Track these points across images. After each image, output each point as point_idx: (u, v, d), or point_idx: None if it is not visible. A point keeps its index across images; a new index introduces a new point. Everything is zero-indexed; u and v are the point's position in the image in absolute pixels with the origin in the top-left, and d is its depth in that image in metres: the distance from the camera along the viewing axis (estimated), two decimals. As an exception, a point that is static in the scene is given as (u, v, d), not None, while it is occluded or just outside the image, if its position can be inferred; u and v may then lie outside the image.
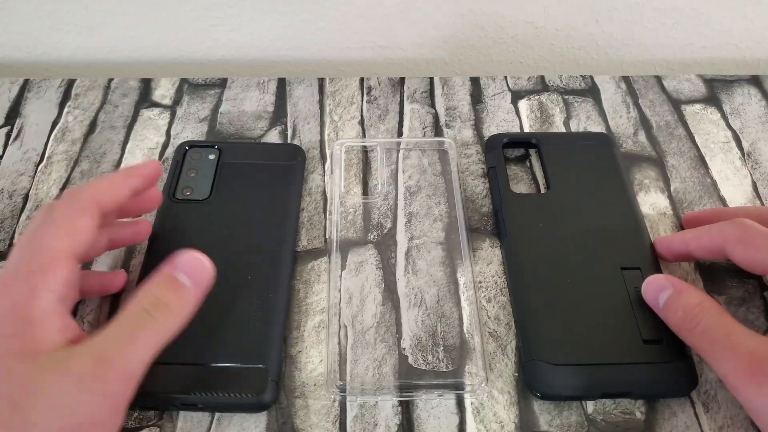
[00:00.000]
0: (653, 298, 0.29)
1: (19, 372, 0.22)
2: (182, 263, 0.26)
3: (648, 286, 0.30)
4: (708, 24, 0.48)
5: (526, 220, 0.34)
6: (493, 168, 0.38)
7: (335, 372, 0.30)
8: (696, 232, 0.31)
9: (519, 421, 0.29)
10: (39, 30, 0.48)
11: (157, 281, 0.25)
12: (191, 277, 0.26)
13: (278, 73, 0.51)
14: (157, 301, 0.25)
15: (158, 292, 0.25)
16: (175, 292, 0.25)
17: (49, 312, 0.24)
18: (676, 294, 0.28)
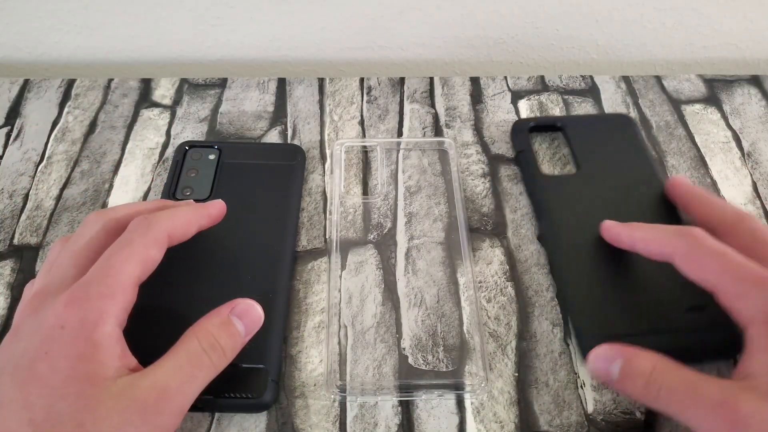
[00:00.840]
0: (604, 372, 0.27)
1: (86, 395, 0.22)
2: (241, 311, 0.27)
3: (595, 362, 0.27)
4: (708, 24, 0.48)
5: (561, 200, 0.35)
6: (522, 152, 0.39)
7: (335, 372, 0.30)
8: (645, 233, 0.30)
9: (519, 421, 0.29)
10: (39, 30, 0.48)
11: (216, 323, 0.26)
12: (245, 325, 0.27)
13: (278, 73, 0.51)
14: (216, 343, 0.26)
15: (217, 334, 0.26)
16: (230, 337, 0.26)
17: (113, 337, 0.24)
18: (627, 363, 0.26)
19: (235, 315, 0.27)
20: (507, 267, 0.34)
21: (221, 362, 0.26)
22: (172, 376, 0.24)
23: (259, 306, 0.28)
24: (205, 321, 0.27)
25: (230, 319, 0.27)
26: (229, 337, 0.26)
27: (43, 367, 0.23)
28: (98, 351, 0.23)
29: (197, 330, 0.26)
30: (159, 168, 0.39)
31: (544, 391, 0.30)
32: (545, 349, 0.31)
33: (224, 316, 0.27)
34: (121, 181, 0.38)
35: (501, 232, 0.36)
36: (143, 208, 0.30)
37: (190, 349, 0.25)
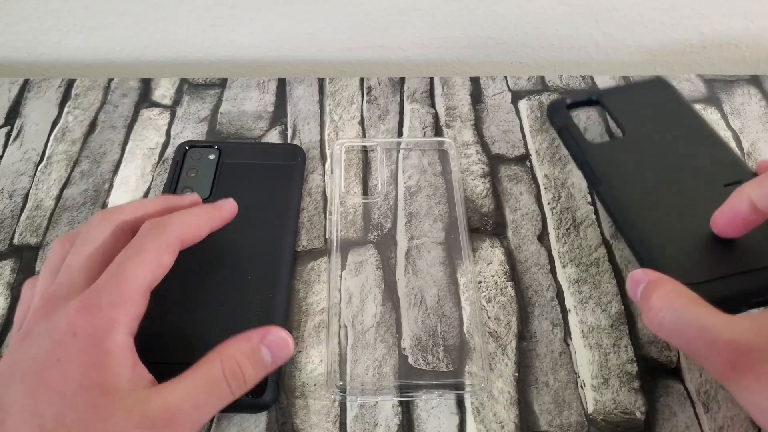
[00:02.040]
0: (634, 293, 0.28)
1: (97, 405, 0.22)
2: (271, 341, 0.26)
3: (630, 280, 0.28)
4: (708, 24, 0.48)
5: (615, 164, 0.35)
6: (564, 127, 0.39)
7: (335, 372, 0.30)
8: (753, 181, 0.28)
9: (519, 421, 0.29)
10: (39, 30, 0.48)
11: (245, 351, 0.25)
12: (274, 357, 0.26)
13: (278, 73, 0.51)
14: (240, 374, 0.25)
15: (243, 363, 0.25)
16: (255, 368, 0.25)
17: (125, 347, 0.24)
18: (650, 285, 0.26)
19: (265, 345, 0.26)
20: (507, 267, 0.34)
21: (240, 391, 0.25)
22: (187, 400, 0.23)
23: (292, 339, 0.27)
24: (234, 346, 0.25)
25: (260, 348, 0.26)
26: (254, 368, 0.25)
27: (54, 374, 0.22)
28: (110, 360, 0.23)
29: (223, 354, 0.25)
30: (159, 168, 0.39)
31: (544, 391, 0.30)
32: (545, 349, 0.31)
33: (255, 344, 0.26)
34: (121, 181, 0.38)
35: (501, 232, 0.36)
36: (151, 208, 0.29)
37: (211, 374, 0.24)
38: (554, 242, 0.36)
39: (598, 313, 0.33)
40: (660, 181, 0.34)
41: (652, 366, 0.31)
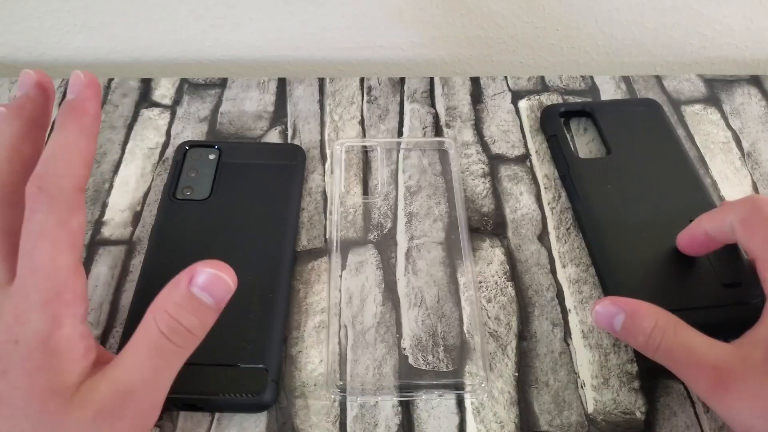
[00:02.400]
0: (607, 324, 0.27)
1: (50, 410, 0.21)
2: (204, 281, 0.23)
3: (598, 315, 0.28)
4: (708, 24, 0.48)
5: (596, 182, 0.36)
6: (554, 136, 0.40)
7: (335, 372, 0.30)
8: (710, 214, 0.30)
9: (519, 421, 0.29)
10: (39, 30, 0.48)
11: (175, 301, 0.23)
12: (213, 295, 0.23)
13: (278, 73, 0.51)
14: (178, 326, 0.23)
15: (178, 314, 0.23)
16: (196, 314, 0.23)
17: (73, 339, 0.22)
18: (629, 319, 0.27)
19: (197, 287, 0.23)
20: (507, 267, 0.34)
21: (189, 343, 0.23)
22: (134, 374, 0.22)
23: (227, 269, 0.24)
24: (163, 299, 0.23)
25: (192, 293, 0.23)
26: (194, 315, 0.23)
27: (3, 387, 0.21)
28: (57, 359, 0.22)
29: (155, 312, 0.23)
30: (159, 168, 0.39)
31: (544, 391, 0.30)
32: (545, 349, 0.31)
33: (184, 290, 0.23)
34: (121, 181, 0.38)
35: (501, 232, 0.36)
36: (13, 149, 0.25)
37: (149, 339, 0.22)
38: (554, 242, 0.36)
39: (598, 313, 0.32)
40: (633, 206, 0.35)
41: (652, 366, 0.30)
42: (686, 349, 0.26)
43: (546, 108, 0.42)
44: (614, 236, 0.34)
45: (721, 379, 0.24)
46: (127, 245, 0.35)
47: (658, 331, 0.26)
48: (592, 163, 0.38)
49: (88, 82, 0.25)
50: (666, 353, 0.26)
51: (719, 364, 0.25)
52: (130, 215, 0.36)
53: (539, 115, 0.42)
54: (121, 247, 0.35)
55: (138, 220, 0.36)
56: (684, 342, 0.26)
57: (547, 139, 0.40)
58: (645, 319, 0.27)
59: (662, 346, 0.26)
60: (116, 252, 0.35)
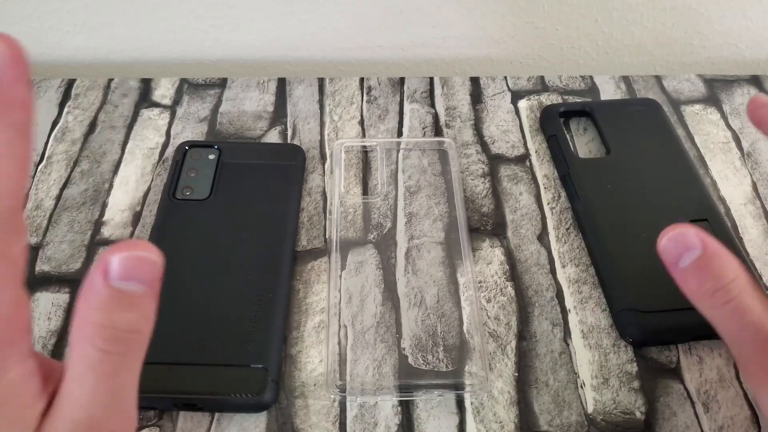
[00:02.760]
0: (675, 255, 0.23)
1: None
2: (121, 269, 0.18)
3: (670, 241, 0.23)
4: (708, 24, 0.48)
5: (595, 182, 0.36)
6: (554, 136, 0.40)
7: (335, 372, 0.30)
8: None
9: (519, 421, 0.29)
10: (39, 30, 0.48)
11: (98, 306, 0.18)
12: (140, 280, 0.19)
13: (278, 73, 0.51)
14: (115, 332, 0.18)
15: (109, 320, 0.18)
16: (129, 309, 0.19)
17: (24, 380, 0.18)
18: (707, 258, 0.23)
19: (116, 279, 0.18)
20: (507, 267, 0.34)
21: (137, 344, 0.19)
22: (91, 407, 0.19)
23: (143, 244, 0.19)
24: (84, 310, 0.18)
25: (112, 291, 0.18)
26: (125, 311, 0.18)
27: None
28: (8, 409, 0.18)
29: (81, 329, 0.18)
30: (159, 168, 0.39)
31: (544, 391, 0.30)
32: (545, 348, 0.31)
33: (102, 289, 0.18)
34: (121, 181, 0.38)
35: (501, 232, 0.36)
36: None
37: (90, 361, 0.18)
38: (554, 242, 0.36)
39: (598, 313, 0.33)
40: (632, 207, 0.35)
41: (652, 366, 0.31)
42: (760, 316, 0.22)
43: (546, 108, 0.42)
44: (614, 236, 0.34)
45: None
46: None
47: (736, 285, 0.22)
48: (592, 163, 0.38)
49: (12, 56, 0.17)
50: (734, 313, 0.22)
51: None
52: (130, 215, 0.36)
53: (539, 115, 0.42)
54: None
55: (138, 220, 0.36)
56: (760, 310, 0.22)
57: (546, 139, 0.40)
58: (727, 266, 0.23)
59: (734, 302, 0.22)
60: (116, 252, 0.35)
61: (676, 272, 0.24)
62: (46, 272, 0.34)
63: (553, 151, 0.39)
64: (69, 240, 0.35)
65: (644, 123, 0.40)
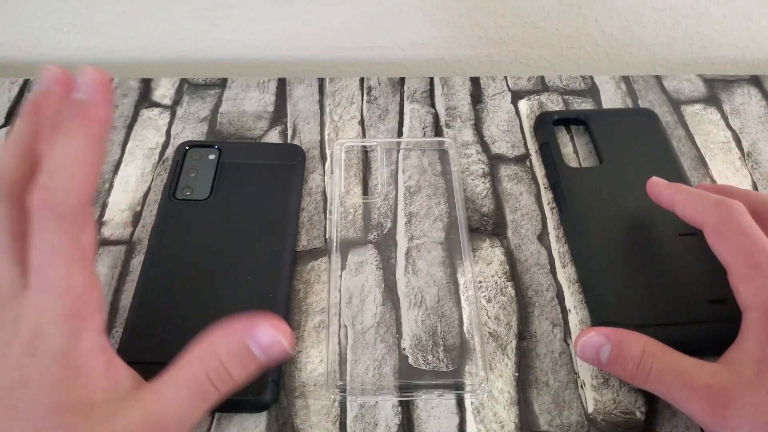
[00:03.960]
0: (593, 357, 0.27)
1: (72, 426, 0.21)
2: (263, 339, 0.23)
3: (583, 350, 0.27)
4: (708, 24, 0.48)
5: (585, 192, 0.36)
6: (546, 144, 0.39)
7: (335, 372, 0.30)
8: (686, 197, 0.30)
9: (519, 421, 0.29)
10: (39, 30, 0.48)
11: (230, 350, 0.23)
12: (266, 355, 0.23)
13: (278, 73, 0.51)
14: (227, 375, 0.23)
15: (230, 365, 0.23)
16: (245, 367, 0.23)
17: (94, 353, 0.22)
18: (617, 347, 0.26)
19: (256, 345, 0.23)
20: (507, 267, 0.34)
21: (230, 389, 0.23)
22: (169, 407, 0.22)
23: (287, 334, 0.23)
24: (218, 345, 0.23)
25: (248, 348, 0.23)
26: (243, 367, 0.23)
27: (21, 398, 0.21)
28: (78, 375, 0.21)
29: (205, 354, 0.23)
30: (159, 168, 0.39)
31: (544, 391, 0.30)
32: (545, 348, 0.31)
33: (241, 342, 0.23)
34: (121, 181, 0.38)
35: (501, 232, 0.36)
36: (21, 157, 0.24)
37: (195, 379, 0.22)
38: (554, 242, 0.36)
39: (598, 313, 0.32)
40: (622, 219, 0.34)
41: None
42: (678, 371, 0.25)
43: (539, 115, 0.41)
44: (600, 249, 0.33)
45: (718, 398, 0.24)
46: (127, 245, 0.35)
47: (648, 356, 0.26)
48: (583, 172, 0.37)
49: (99, 83, 0.23)
50: (657, 378, 0.25)
51: (713, 384, 0.24)
52: (130, 215, 0.36)
53: (534, 121, 0.41)
54: (121, 247, 0.35)
55: (138, 220, 0.36)
56: (674, 364, 0.25)
57: (539, 147, 0.40)
58: (633, 345, 0.26)
59: (653, 370, 0.25)
60: (116, 252, 0.35)
61: (604, 368, 0.27)
62: (46, 272, 0.34)
63: (545, 159, 0.39)
64: (69, 240, 0.35)
65: (640, 133, 0.39)
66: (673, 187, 0.31)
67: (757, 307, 0.26)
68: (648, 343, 0.26)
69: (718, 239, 0.28)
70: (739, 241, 0.27)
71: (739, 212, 0.28)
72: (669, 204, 0.31)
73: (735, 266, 0.27)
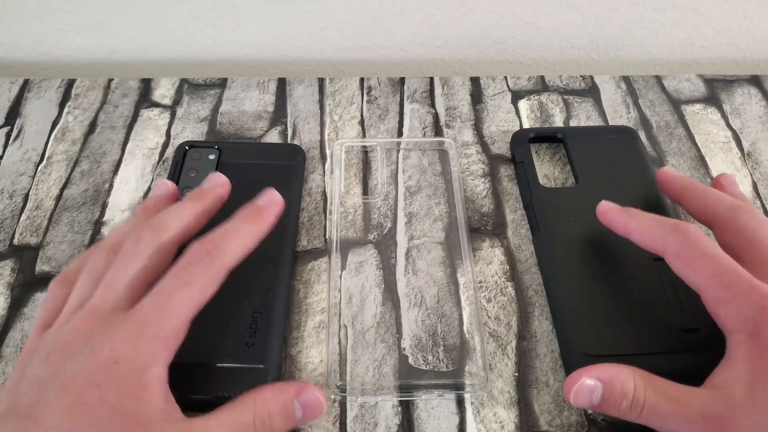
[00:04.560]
0: (588, 401, 0.26)
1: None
2: (306, 401, 0.26)
3: (578, 395, 0.26)
4: (708, 24, 0.48)
5: (558, 214, 0.35)
6: (521, 163, 0.38)
7: (335, 372, 0.30)
8: (640, 224, 0.29)
9: (519, 421, 0.29)
10: (39, 30, 0.48)
11: (279, 404, 0.25)
12: (305, 415, 0.26)
13: (278, 73, 0.51)
14: (268, 424, 0.25)
15: (273, 415, 0.25)
16: (285, 422, 0.25)
17: (160, 380, 0.24)
18: (608, 386, 0.25)
19: (299, 401, 0.26)
20: (507, 267, 0.34)
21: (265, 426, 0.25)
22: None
23: (326, 400, 0.26)
24: (269, 397, 0.25)
25: (293, 404, 0.26)
26: (283, 421, 0.25)
27: (93, 397, 0.22)
28: (146, 392, 0.23)
29: (257, 402, 0.25)
30: (159, 168, 0.39)
31: (544, 391, 0.30)
32: (545, 348, 0.31)
33: (289, 400, 0.26)
34: (121, 181, 0.38)
35: (501, 232, 0.36)
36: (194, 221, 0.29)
37: (242, 418, 0.24)
38: (554, 242, 0.35)
39: (598, 313, 0.32)
40: (595, 242, 0.33)
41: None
42: (670, 402, 0.25)
43: (515, 133, 0.40)
44: (570, 274, 0.32)
45: (713, 426, 0.24)
46: None
47: (640, 390, 0.25)
48: (557, 193, 0.36)
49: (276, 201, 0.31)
50: (651, 413, 0.25)
51: (707, 412, 0.24)
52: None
53: (511, 139, 0.40)
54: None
55: (138, 220, 0.36)
56: (666, 396, 0.25)
57: (514, 165, 0.39)
58: (624, 381, 0.25)
59: (647, 405, 0.25)
60: (116, 252, 0.35)
61: (597, 410, 0.27)
62: (46, 272, 0.34)
63: (519, 178, 0.38)
64: (69, 240, 0.35)
65: (617, 153, 0.38)
66: (625, 212, 0.30)
67: (739, 328, 0.25)
68: (637, 376, 0.25)
69: (684, 265, 0.27)
70: (705, 264, 0.27)
71: (696, 235, 0.27)
72: (623, 231, 0.30)
73: (708, 290, 0.27)
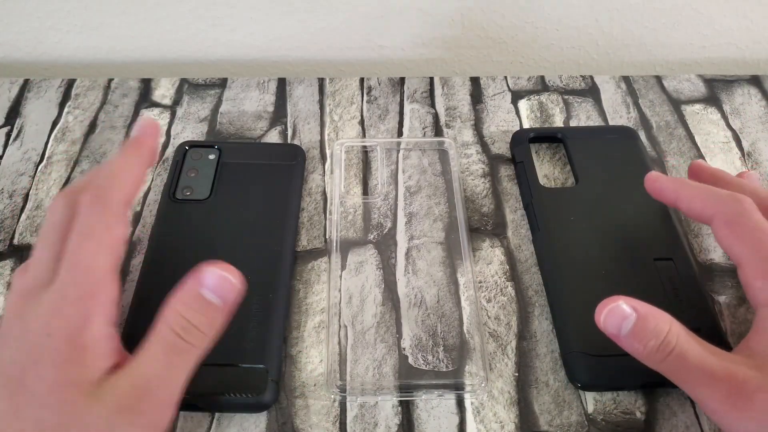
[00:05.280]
0: (615, 327, 0.26)
1: (72, 402, 0.22)
2: (209, 281, 0.25)
3: (608, 317, 0.26)
4: (708, 24, 0.48)
5: (558, 214, 0.35)
6: (521, 163, 0.38)
7: (335, 372, 0.30)
8: (692, 191, 0.29)
9: (519, 421, 0.29)
10: (39, 30, 0.48)
11: (184, 301, 0.25)
12: (219, 295, 0.25)
13: (278, 73, 0.51)
14: (188, 324, 0.24)
15: (188, 314, 0.24)
16: (204, 313, 0.25)
17: (101, 337, 0.24)
18: (642, 320, 0.25)
19: (205, 287, 0.25)
20: (507, 267, 0.34)
21: (201, 341, 0.25)
22: (149, 370, 0.23)
23: (234, 270, 0.25)
24: (174, 301, 0.25)
25: (200, 294, 0.25)
26: (203, 314, 0.24)
27: (31, 377, 0.22)
28: (85, 355, 0.23)
29: (166, 313, 0.24)
30: (159, 168, 0.39)
31: (544, 391, 0.30)
32: (545, 348, 0.31)
33: (193, 291, 0.25)
34: (121, 181, 0.38)
35: (501, 232, 0.36)
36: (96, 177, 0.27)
37: (163, 337, 0.24)
38: (554, 242, 0.35)
39: (598, 313, 0.32)
40: (594, 243, 0.33)
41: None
42: (701, 356, 0.24)
43: (515, 133, 0.40)
44: (570, 274, 0.32)
45: (739, 390, 0.23)
46: (126, 245, 0.35)
47: (673, 335, 0.25)
48: (557, 193, 0.36)
49: (150, 125, 0.30)
50: (678, 359, 0.25)
51: (736, 375, 0.24)
52: (130, 215, 0.36)
53: (511, 139, 0.40)
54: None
55: (138, 220, 0.36)
56: (697, 349, 0.25)
57: (514, 165, 0.39)
58: (660, 321, 0.25)
59: (676, 350, 0.24)
60: (116, 252, 0.35)
61: (620, 341, 0.26)
62: (46, 272, 0.34)
63: (519, 178, 0.38)
64: (69, 240, 0.35)
65: (617, 153, 0.38)
66: (677, 181, 0.31)
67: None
68: (674, 323, 0.25)
69: (731, 233, 0.27)
70: (755, 235, 0.27)
71: (753, 207, 0.27)
72: (672, 198, 0.30)
73: (750, 261, 0.27)
